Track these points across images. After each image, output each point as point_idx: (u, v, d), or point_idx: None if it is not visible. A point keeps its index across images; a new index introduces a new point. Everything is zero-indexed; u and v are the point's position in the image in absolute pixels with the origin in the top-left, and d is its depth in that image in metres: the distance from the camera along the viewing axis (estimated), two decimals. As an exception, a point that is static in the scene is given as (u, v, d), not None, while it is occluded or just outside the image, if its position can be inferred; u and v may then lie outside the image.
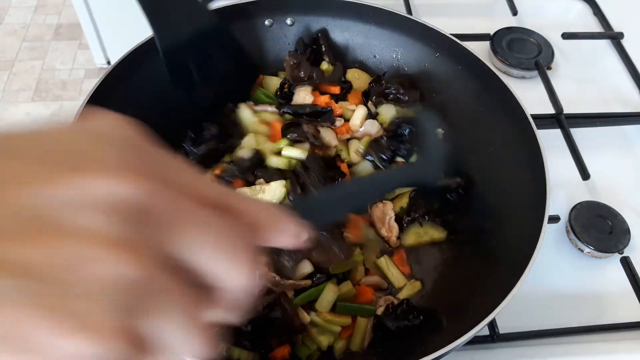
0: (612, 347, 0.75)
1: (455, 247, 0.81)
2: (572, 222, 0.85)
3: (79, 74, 2.67)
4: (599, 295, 0.81)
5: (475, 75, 0.84)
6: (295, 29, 0.94)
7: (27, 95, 2.57)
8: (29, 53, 2.74)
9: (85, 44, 2.62)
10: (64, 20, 2.89)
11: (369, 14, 0.90)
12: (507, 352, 0.74)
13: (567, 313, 0.78)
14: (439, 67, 0.89)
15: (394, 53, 0.93)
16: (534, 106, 0.85)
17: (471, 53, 0.83)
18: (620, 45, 1.13)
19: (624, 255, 0.83)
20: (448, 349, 0.58)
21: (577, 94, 1.04)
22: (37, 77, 2.65)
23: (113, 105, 0.77)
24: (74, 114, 0.72)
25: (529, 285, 0.62)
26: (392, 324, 0.69)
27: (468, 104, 0.85)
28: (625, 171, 0.96)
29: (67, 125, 0.29)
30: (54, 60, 2.72)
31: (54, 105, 2.54)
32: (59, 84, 2.62)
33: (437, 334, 0.68)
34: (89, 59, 2.69)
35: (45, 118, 2.45)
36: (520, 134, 0.76)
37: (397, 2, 1.13)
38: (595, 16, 1.20)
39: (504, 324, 0.74)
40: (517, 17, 1.16)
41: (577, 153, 0.90)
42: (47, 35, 2.83)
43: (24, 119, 2.48)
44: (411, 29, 0.89)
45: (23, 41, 2.79)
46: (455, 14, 1.18)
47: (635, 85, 1.07)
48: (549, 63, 1.08)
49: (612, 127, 1.00)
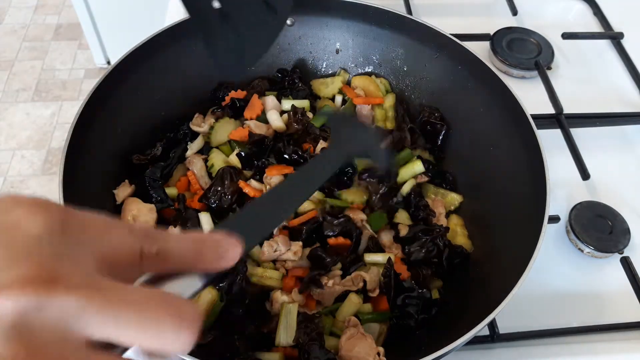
0: (612, 347, 0.75)
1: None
2: (572, 222, 0.85)
3: (79, 74, 2.67)
4: (599, 295, 0.81)
5: (475, 75, 0.84)
6: (296, 29, 0.94)
7: (27, 95, 2.57)
8: (29, 53, 2.75)
9: (85, 44, 2.62)
10: (64, 20, 2.89)
11: (369, 14, 0.90)
12: (507, 352, 0.74)
13: (567, 313, 0.78)
14: (439, 67, 0.89)
15: (394, 53, 0.93)
16: (534, 106, 0.85)
17: (471, 53, 0.83)
18: (620, 45, 1.13)
19: (624, 255, 0.83)
20: (448, 349, 0.58)
21: (577, 94, 1.04)
22: (37, 77, 2.65)
23: (113, 105, 0.79)
24: (73, 113, 0.72)
25: (529, 285, 0.62)
26: (412, 321, 0.70)
27: (468, 104, 0.85)
28: (625, 171, 0.96)
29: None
30: (54, 60, 2.72)
31: (54, 105, 2.54)
32: (59, 84, 2.62)
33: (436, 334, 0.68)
34: (89, 59, 2.69)
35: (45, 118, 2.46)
36: (520, 134, 0.76)
37: (397, 2, 1.13)
38: (595, 16, 1.20)
39: (504, 324, 0.74)
40: (517, 17, 1.16)
41: (577, 153, 0.90)
42: (47, 35, 2.83)
43: (24, 119, 2.48)
44: (411, 29, 0.89)
45: (23, 41, 2.80)
46: (455, 14, 1.18)
47: (635, 85, 1.07)
48: (549, 63, 1.08)
49: (612, 127, 1.00)
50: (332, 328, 0.71)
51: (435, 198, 0.84)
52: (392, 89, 0.95)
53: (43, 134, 2.43)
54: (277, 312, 0.70)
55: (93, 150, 0.75)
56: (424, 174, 0.84)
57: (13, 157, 2.34)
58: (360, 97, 0.93)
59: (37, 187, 2.25)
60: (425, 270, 0.75)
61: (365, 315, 0.72)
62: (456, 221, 0.82)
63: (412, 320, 0.70)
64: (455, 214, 0.84)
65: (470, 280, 0.74)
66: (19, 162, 2.33)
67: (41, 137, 2.42)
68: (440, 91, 0.89)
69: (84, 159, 0.72)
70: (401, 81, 0.94)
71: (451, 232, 0.80)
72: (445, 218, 0.82)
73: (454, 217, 0.83)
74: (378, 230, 0.79)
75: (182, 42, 0.85)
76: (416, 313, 0.70)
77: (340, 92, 0.95)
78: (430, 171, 0.85)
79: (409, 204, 0.82)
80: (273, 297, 0.72)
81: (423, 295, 0.71)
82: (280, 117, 0.88)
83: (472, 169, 0.85)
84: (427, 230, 0.77)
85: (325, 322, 0.70)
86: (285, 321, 0.68)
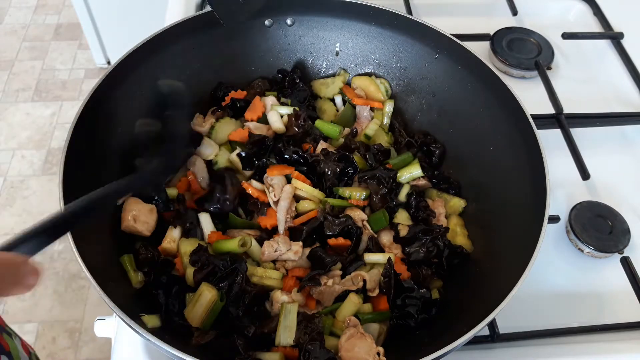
0: (612, 347, 0.75)
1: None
2: (572, 222, 0.85)
3: (79, 74, 2.67)
4: (599, 295, 0.81)
5: (475, 75, 0.84)
6: (296, 29, 0.94)
7: (27, 95, 2.57)
8: (29, 53, 2.74)
9: (85, 44, 2.62)
10: (64, 20, 2.89)
11: (369, 14, 0.90)
12: (507, 352, 0.74)
13: (567, 313, 0.78)
14: (439, 67, 0.89)
15: (394, 53, 0.93)
16: (534, 106, 0.85)
17: (471, 53, 0.83)
18: (620, 45, 1.13)
19: (624, 255, 0.83)
20: (448, 349, 0.58)
21: (577, 94, 1.04)
22: (37, 77, 2.65)
23: (113, 105, 0.79)
24: (73, 113, 0.72)
25: (529, 285, 0.62)
26: (412, 321, 0.70)
27: (468, 104, 0.85)
28: (625, 171, 0.96)
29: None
30: (54, 60, 2.72)
31: (54, 105, 2.54)
32: (59, 84, 2.62)
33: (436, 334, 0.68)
34: (89, 59, 2.69)
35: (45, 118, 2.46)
36: (520, 134, 0.76)
37: (397, 2, 1.13)
38: (595, 16, 1.20)
39: (504, 324, 0.74)
40: (517, 17, 1.16)
41: (577, 153, 0.90)
42: (47, 35, 2.83)
43: (24, 119, 2.48)
44: (411, 29, 0.89)
45: (23, 41, 2.79)
46: (455, 14, 1.18)
47: (635, 85, 1.07)
48: (549, 63, 1.08)
49: (612, 127, 1.00)
50: (332, 328, 0.71)
51: (436, 199, 0.84)
52: (391, 89, 0.95)
53: (43, 134, 2.43)
54: (277, 312, 0.70)
55: (93, 150, 0.74)
56: (424, 178, 0.84)
57: (13, 157, 2.34)
58: (361, 97, 0.93)
59: (37, 187, 2.25)
60: (425, 270, 0.75)
61: (365, 315, 0.72)
62: (456, 221, 0.82)
63: (412, 320, 0.70)
64: (455, 214, 0.84)
65: (470, 280, 0.74)
66: (19, 162, 2.33)
67: (41, 137, 2.42)
68: (441, 91, 0.89)
69: (84, 159, 0.72)
70: (401, 81, 0.94)
71: (451, 232, 0.80)
72: (445, 218, 0.82)
73: (454, 218, 0.83)
74: (378, 230, 0.79)
75: (182, 42, 0.85)
76: (416, 313, 0.70)
77: (341, 92, 0.95)
78: (435, 177, 0.85)
79: (409, 205, 0.82)
80: (273, 297, 0.72)
81: (423, 295, 0.71)
82: (280, 118, 0.88)
83: (472, 170, 0.85)
84: (427, 231, 0.77)
85: (325, 322, 0.70)
86: (285, 321, 0.68)
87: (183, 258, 0.74)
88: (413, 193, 0.82)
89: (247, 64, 0.95)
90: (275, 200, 0.78)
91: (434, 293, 0.75)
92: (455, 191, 0.85)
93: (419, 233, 0.77)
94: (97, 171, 0.75)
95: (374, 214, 0.80)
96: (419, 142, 0.89)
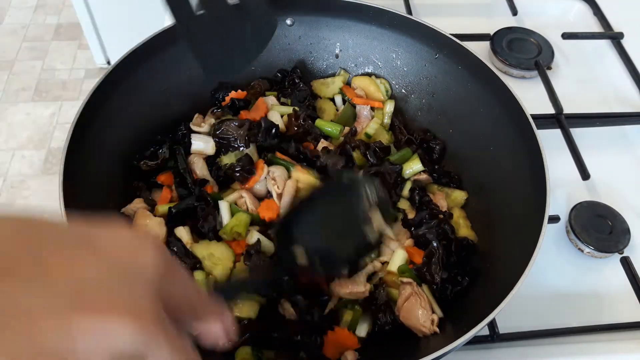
0: (612, 347, 0.75)
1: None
2: (572, 222, 0.85)
3: (79, 74, 2.67)
4: (599, 295, 0.81)
5: (475, 75, 0.84)
6: (296, 29, 0.94)
7: (27, 95, 2.57)
8: (29, 53, 2.74)
9: (85, 44, 2.62)
10: (64, 20, 2.89)
11: (369, 14, 0.90)
12: (507, 352, 0.74)
13: (567, 313, 0.78)
14: (439, 67, 0.89)
15: (394, 53, 0.93)
16: (534, 106, 0.85)
17: (471, 53, 0.84)
18: (620, 45, 1.13)
19: (624, 255, 0.83)
20: (448, 349, 0.58)
21: (577, 94, 1.04)
22: (37, 77, 2.65)
23: (113, 105, 0.79)
24: (73, 113, 0.72)
25: (529, 285, 0.62)
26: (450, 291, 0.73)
27: (468, 104, 0.85)
28: (625, 171, 0.96)
29: (94, 244, 0.34)
30: (54, 60, 2.72)
31: (54, 105, 2.54)
32: (59, 84, 2.62)
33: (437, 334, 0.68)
34: (89, 59, 2.69)
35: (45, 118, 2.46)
36: (520, 134, 0.76)
37: (397, 2, 1.13)
38: (595, 16, 1.20)
39: (504, 324, 0.74)
40: (517, 17, 1.16)
41: (577, 153, 0.90)
42: (47, 35, 2.83)
43: (24, 119, 2.48)
44: (411, 29, 0.89)
45: (23, 41, 2.79)
46: (455, 14, 1.18)
47: (635, 85, 1.07)
48: (549, 63, 1.08)
49: (612, 127, 1.00)
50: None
51: (437, 192, 0.84)
52: (392, 89, 0.95)
53: (43, 134, 2.43)
54: (290, 316, 0.70)
55: (93, 150, 0.75)
56: (425, 172, 0.84)
57: (13, 157, 2.34)
58: (361, 97, 0.93)
59: (37, 187, 2.25)
60: (441, 250, 0.75)
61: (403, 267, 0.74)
62: (458, 213, 0.82)
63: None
64: (457, 207, 0.84)
65: (470, 280, 0.74)
66: (19, 162, 2.33)
67: (41, 137, 2.42)
68: (441, 91, 0.89)
69: (84, 159, 0.72)
70: (401, 81, 0.94)
71: (454, 224, 0.80)
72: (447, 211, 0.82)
73: (456, 210, 0.83)
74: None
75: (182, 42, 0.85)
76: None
77: (341, 92, 0.95)
78: (435, 172, 0.86)
79: (412, 199, 0.82)
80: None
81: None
82: (280, 118, 0.88)
83: (472, 170, 0.85)
84: (432, 215, 0.78)
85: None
86: None
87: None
88: (416, 188, 0.82)
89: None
90: (278, 193, 0.78)
91: None
92: (456, 185, 0.85)
93: (426, 216, 0.78)
94: (97, 171, 0.75)
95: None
96: (419, 139, 0.89)
